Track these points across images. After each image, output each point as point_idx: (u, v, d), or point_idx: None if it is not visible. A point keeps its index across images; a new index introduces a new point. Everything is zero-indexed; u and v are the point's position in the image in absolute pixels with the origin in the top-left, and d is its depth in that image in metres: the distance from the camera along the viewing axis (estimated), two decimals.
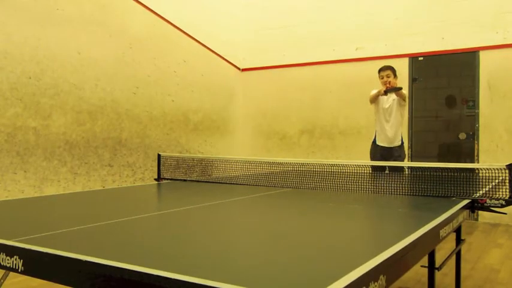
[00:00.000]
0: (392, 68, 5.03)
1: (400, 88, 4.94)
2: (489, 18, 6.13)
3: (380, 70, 5.06)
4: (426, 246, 1.81)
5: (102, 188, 5.45)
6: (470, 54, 6.25)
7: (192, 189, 3.41)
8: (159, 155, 4.00)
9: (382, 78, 5.01)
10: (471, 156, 6.20)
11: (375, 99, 5.12)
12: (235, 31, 7.90)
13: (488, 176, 2.88)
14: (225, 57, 7.66)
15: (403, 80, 6.71)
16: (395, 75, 4.99)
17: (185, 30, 6.83)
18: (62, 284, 1.34)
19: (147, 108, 6.19)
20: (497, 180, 2.87)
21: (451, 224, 2.15)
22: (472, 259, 4.18)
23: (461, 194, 2.69)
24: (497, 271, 3.71)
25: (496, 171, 2.82)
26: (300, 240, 1.71)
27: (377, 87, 6.93)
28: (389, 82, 4.91)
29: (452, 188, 2.80)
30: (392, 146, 4.96)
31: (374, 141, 5.13)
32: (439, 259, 2.17)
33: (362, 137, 6.97)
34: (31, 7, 4.86)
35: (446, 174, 3.35)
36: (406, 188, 3.01)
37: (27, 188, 4.79)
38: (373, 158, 4.99)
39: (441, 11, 6.42)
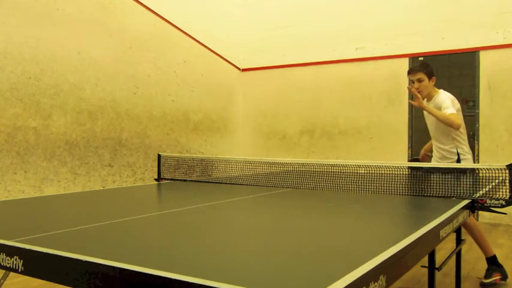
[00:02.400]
0: (425, 66, 3.70)
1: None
2: (489, 18, 6.13)
3: (409, 72, 3.78)
4: (426, 246, 1.81)
5: (102, 188, 5.45)
6: (470, 54, 6.25)
7: (192, 189, 3.41)
8: (159, 155, 4.00)
9: (412, 82, 3.72)
10: None
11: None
12: (235, 31, 7.90)
13: (488, 176, 2.88)
14: (225, 57, 7.66)
15: (403, 80, 6.72)
16: (430, 77, 3.67)
17: (185, 30, 6.83)
18: (62, 284, 1.34)
19: (147, 108, 6.19)
20: (497, 180, 2.87)
21: (451, 224, 2.15)
22: (472, 259, 4.17)
23: (461, 194, 2.69)
24: None
25: (496, 171, 2.81)
26: (300, 240, 1.71)
27: (378, 86, 6.96)
28: (420, 91, 3.66)
29: (452, 188, 2.80)
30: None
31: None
32: (439, 259, 2.17)
33: (362, 137, 6.97)
34: (31, 7, 4.86)
35: (446, 174, 3.35)
36: (406, 188, 3.01)
37: (27, 188, 4.79)
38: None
39: (441, 11, 6.42)
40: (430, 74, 3.68)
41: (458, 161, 3.68)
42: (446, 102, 3.58)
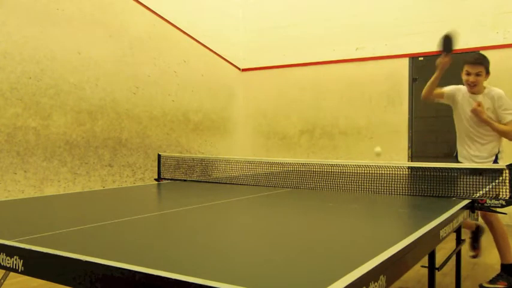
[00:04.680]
0: (487, 61, 3.44)
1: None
2: (489, 18, 6.12)
3: (467, 62, 3.46)
4: (426, 246, 1.81)
5: (102, 188, 5.45)
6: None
7: (193, 189, 3.41)
8: (159, 155, 4.00)
9: (468, 74, 3.44)
10: None
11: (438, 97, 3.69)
12: (235, 31, 7.89)
13: (489, 176, 2.88)
14: (225, 57, 7.66)
15: (403, 80, 6.72)
16: (487, 73, 3.44)
17: (185, 30, 6.83)
18: (62, 284, 1.34)
19: (147, 108, 6.19)
20: (497, 180, 2.87)
21: (451, 224, 2.14)
22: (472, 259, 4.17)
23: (461, 194, 2.69)
24: (498, 271, 3.70)
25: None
26: (300, 240, 1.71)
27: (378, 86, 6.96)
28: (475, 85, 3.44)
29: (452, 188, 2.80)
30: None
31: (456, 156, 3.78)
32: (439, 259, 2.17)
33: (362, 137, 6.97)
34: (31, 7, 4.86)
35: (446, 174, 3.35)
36: (406, 188, 3.01)
37: (27, 188, 4.79)
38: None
39: (441, 11, 6.42)
40: (488, 70, 3.45)
41: (496, 160, 3.54)
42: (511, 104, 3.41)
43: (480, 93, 3.53)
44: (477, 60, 3.44)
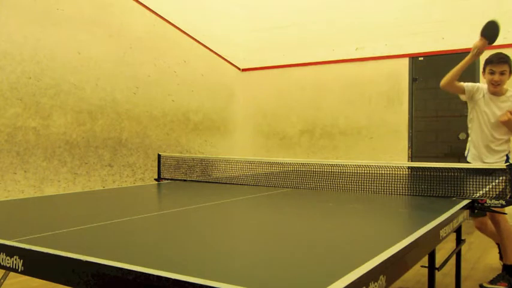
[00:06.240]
0: (509, 60, 3.43)
1: None
2: (489, 18, 6.11)
3: (490, 61, 3.46)
4: (426, 246, 1.81)
5: (102, 188, 5.45)
6: None
7: (192, 189, 3.41)
8: (159, 155, 4.00)
9: (492, 73, 3.39)
10: None
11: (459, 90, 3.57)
12: (235, 31, 7.88)
13: (489, 176, 2.88)
14: (225, 57, 7.66)
15: (403, 80, 6.72)
16: (511, 72, 3.42)
17: (185, 30, 6.83)
18: (62, 284, 1.34)
19: (147, 108, 6.19)
20: (497, 180, 2.87)
21: (451, 224, 2.15)
22: (472, 259, 4.17)
23: (461, 194, 2.69)
24: (497, 271, 3.70)
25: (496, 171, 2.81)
26: (299, 241, 1.71)
27: (378, 86, 6.96)
28: (499, 84, 3.38)
29: (453, 188, 2.80)
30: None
31: (467, 156, 3.68)
32: (439, 259, 2.17)
33: (362, 137, 6.97)
34: (31, 7, 4.86)
35: (446, 174, 3.35)
36: (406, 188, 3.01)
37: (27, 188, 4.79)
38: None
39: (441, 11, 6.41)
40: (511, 69, 3.41)
41: (507, 159, 3.50)
42: None
43: (502, 95, 3.47)
44: (501, 58, 3.42)
